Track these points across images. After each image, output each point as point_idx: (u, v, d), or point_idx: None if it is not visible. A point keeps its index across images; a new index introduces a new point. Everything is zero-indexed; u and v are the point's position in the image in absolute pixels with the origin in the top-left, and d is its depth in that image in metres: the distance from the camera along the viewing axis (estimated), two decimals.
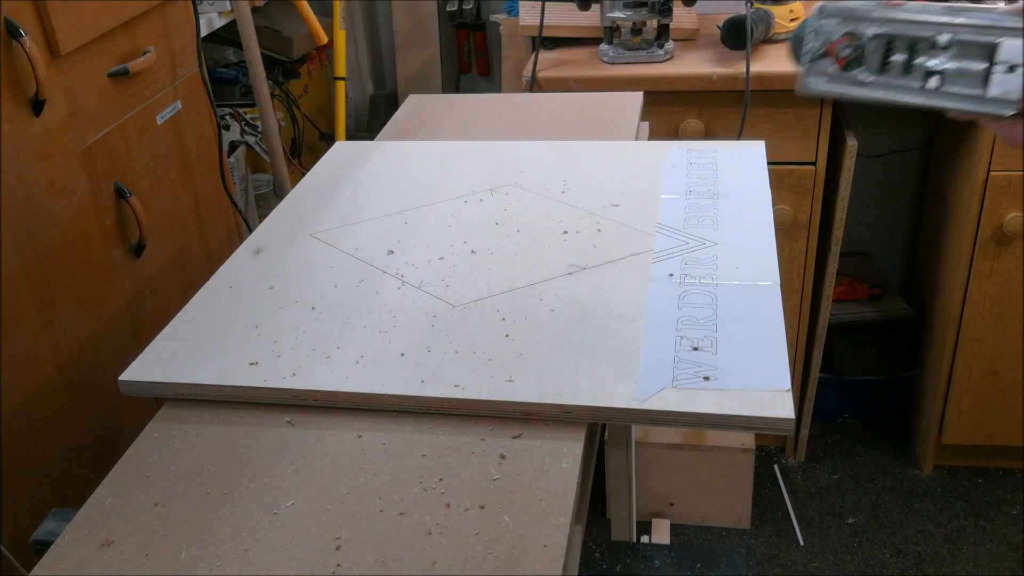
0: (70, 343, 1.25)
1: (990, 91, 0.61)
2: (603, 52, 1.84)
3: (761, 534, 1.97)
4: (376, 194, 1.16)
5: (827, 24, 0.64)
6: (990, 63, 0.60)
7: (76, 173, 1.27)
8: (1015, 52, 0.59)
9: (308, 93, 2.55)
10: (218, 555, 0.66)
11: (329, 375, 0.81)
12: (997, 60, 0.60)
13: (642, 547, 0.84)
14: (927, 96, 0.63)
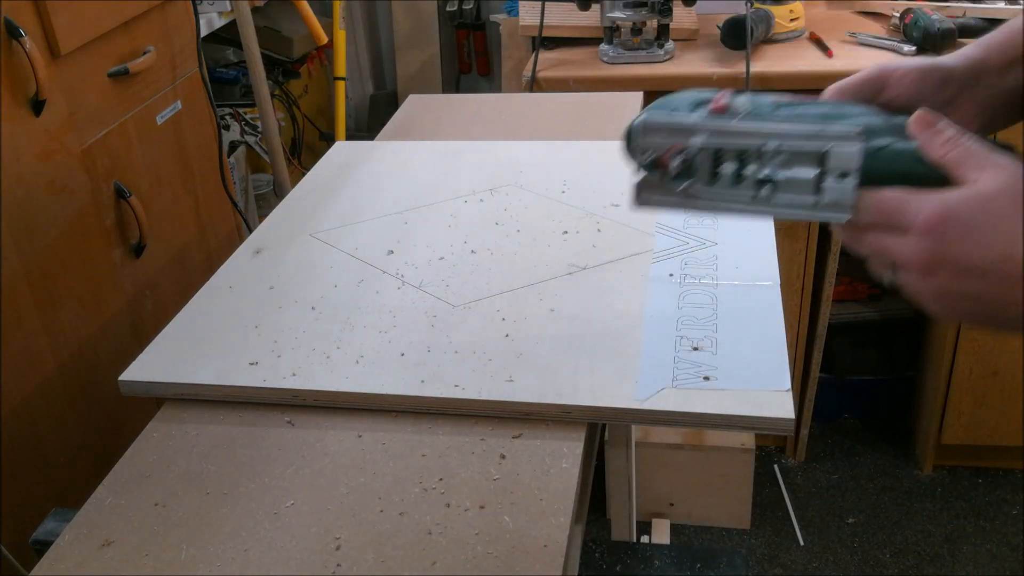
0: (70, 343, 1.25)
1: (824, 198, 0.59)
2: (603, 52, 1.84)
3: (761, 534, 1.97)
4: (376, 194, 1.16)
5: (653, 139, 0.61)
6: (822, 170, 0.58)
7: (76, 173, 1.27)
8: (846, 159, 0.58)
9: (308, 93, 2.55)
10: (218, 555, 0.66)
11: (329, 375, 0.81)
12: (828, 168, 0.58)
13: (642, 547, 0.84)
14: (761, 205, 0.61)
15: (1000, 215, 0.50)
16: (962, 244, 0.50)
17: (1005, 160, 0.53)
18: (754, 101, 0.62)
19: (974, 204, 0.51)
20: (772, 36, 1.85)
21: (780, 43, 1.85)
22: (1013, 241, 0.49)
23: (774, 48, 1.83)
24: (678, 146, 0.61)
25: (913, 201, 0.53)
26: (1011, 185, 0.51)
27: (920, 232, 0.52)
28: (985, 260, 0.50)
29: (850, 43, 1.82)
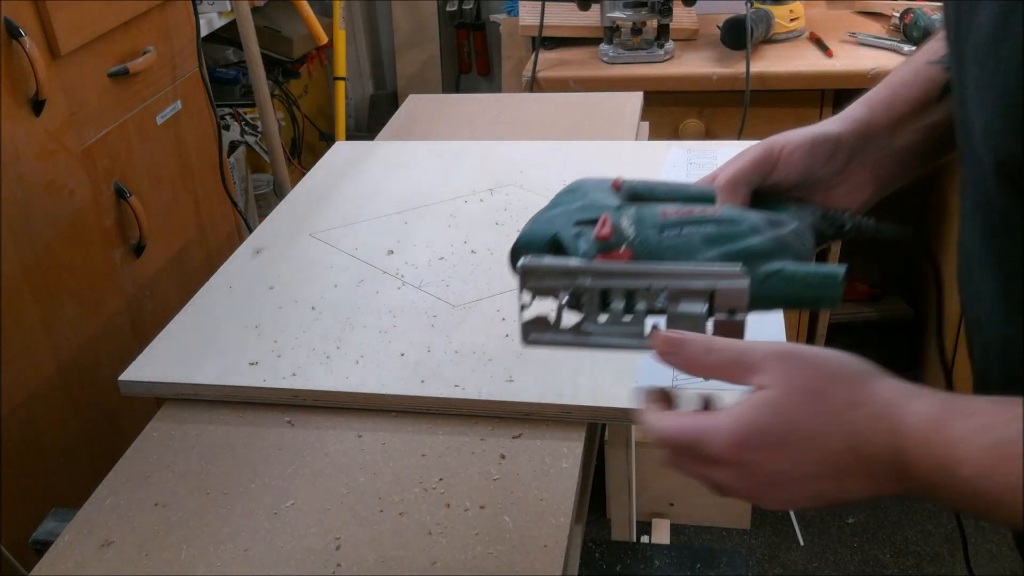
0: (70, 343, 1.25)
1: (714, 333, 0.59)
2: (603, 52, 1.84)
3: (761, 534, 1.97)
4: (376, 194, 1.16)
5: (537, 283, 0.59)
6: (710, 307, 0.58)
7: (76, 173, 1.27)
8: (734, 297, 0.58)
9: (308, 93, 2.55)
10: (218, 555, 0.66)
11: (329, 375, 0.81)
12: (717, 305, 0.58)
13: (642, 547, 0.84)
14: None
15: (796, 421, 0.50)
16: (776, 460, 0.50)
17: (766, 350, 0.53)
18: (639, 222, 0.61)
19: (766, 420, 0.50)
20: (772, 36, 1.85)
21: (780, 43, 1.85)
22: (821, 444, 0.49)
23: (774, 48, 1.83)
24: (562, 289, 0.60)
25: (706, 433, 0.52)
26: (787, 386, 0.50)
27: (730, 464, 0.51)
28: (804, 467, 0.50)
29: (850, 43, 1.82)
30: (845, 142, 0.69)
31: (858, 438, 0.49)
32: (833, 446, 0.49)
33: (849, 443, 0.49)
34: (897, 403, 0.49)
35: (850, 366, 0.52)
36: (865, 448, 0.48)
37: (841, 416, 0.49)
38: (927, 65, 0.70)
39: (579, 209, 0.63)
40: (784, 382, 0.51)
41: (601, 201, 0.64)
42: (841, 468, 0.49)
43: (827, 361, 0.52)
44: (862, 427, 0.49)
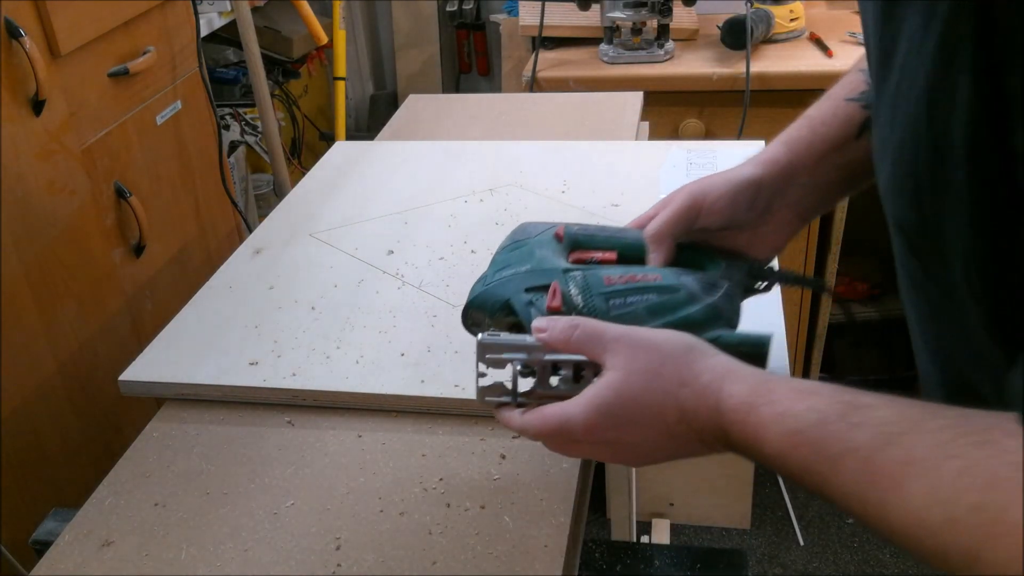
0: (70, 343, 1.25)
1: None
2: (603, 52, 1.84)
3: (761, 534, 1.97)
4: (376, 194, 1.16)
5: (492, 355, 0.65)
6: None
7: (76, 173, 1.27)
8: None
9: (308, 93, 2.55)
10: (218, 555, 0.66)
11: (329, 375, 0.81)
12: None
13: (642, 547, 0.84)
14: None
15: (637, 400, 0.58)
16: (627, 435, 0.58)
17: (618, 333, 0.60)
18: (586, 291, 0.67)
19: (612, 402, 0.58)
20: (772, 36, 1.85)
21: (780, 43, 1.85)
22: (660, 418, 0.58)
23: (774, 48, 1.83)
24: (519, 359, 0.64)
25: (567, 421, 0.59)
26: (628, 367, 0.58)
27: (592, 443, 0.60)
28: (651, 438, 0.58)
29: (850, 43, 1.82)
30: (767, 186, 0.72)
31: (688, 413, 0.57)
32: (670, 419, 0.57)
33: (681, 416, 0.57)
34: (717, 385, 0.56)
35: (680, 346, 0.59)
36: (694, 421, 0.57)
37: (672, 394, 0.57)
38: (847, 102, 0.72)
39: (528, 273, 0.68)
40: (626, 364, 0.58)
41: (548, 262, 0.69)
42: (680, 436, 0.58)
43: (662, 343, 0.60)
44: (690, 404, 0.57)
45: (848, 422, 0.48)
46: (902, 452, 0.45)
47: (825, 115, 0.73)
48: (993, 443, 0.42)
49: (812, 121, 0.73)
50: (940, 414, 0.46)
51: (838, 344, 2.19)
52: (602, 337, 0.60)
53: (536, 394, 0.64)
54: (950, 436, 0.44)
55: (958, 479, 0.42)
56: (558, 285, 0.67)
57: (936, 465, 0.44)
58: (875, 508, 0.46)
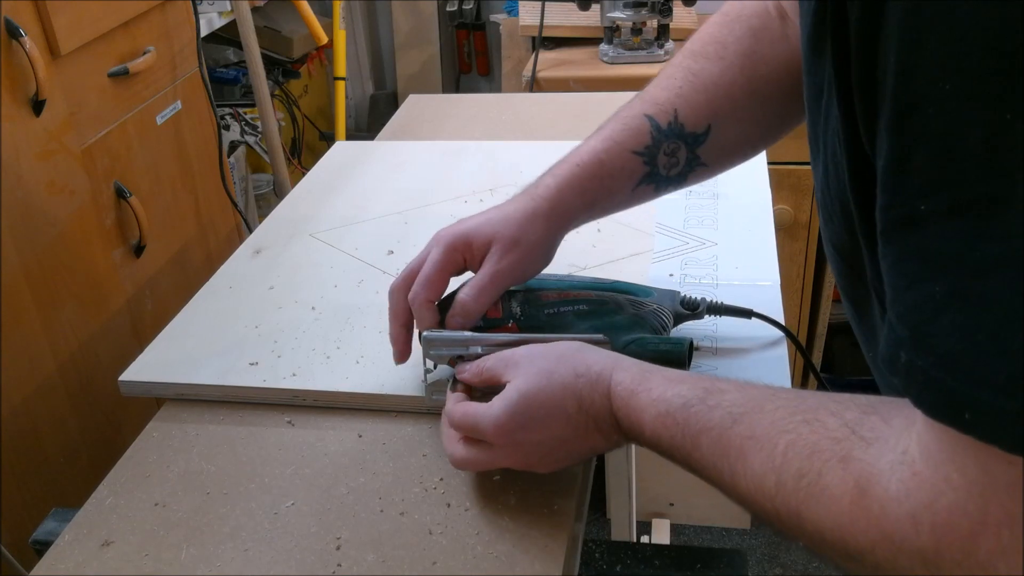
0: (70, 343, 1.25)
1: None
2: (603, 52, 1.84)
3: (761, 534, 1.97)
4: (376, 194, 1.16)
5: (437, 351, 0.73)
6: None
7: (76, 173, 1.27)
8: None
9: (308, 93, 2.55)
10: (218, 555, 0.66)
11: (329, 375, 0.81)
12: None
13: (642, 547, 0.84)
14: None
15: (539, 398, 0.62)
16: (534, 434, 0.63)
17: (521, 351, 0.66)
18: (525, 304, 0.76)
19: (518, 404, 0.62)
20: None
21: None
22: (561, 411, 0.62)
23: None
24: (460, 357, 0.72)
25: (479, 421, 0.64)
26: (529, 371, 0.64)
27: (503, 446, 0.64)
28: (556, 433, 0.63)
29: None
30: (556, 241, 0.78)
31: (584, 402, 0.62)
32: (570, 410, 0.62)
33: (579, 406, 0.62)
34: (607, 373, 0.62)
35: (571, 347, 0.66)
36: (591, 409, 0.62)
37: (569, 386, 0.62)
38: (633, 155, 0.76)
39: None
40: (526, 370, 0.64)
41: None
42: (581, 428, 0.62)
43: (554, 347, 0.66)
44: (586, 393, 0.62)
45: (706, 404, 0.55)
46: (746, 429, 0.52)
47: (613, 168, 0.76)
48: (818, 421, 0.49)
49: (603, 170, 0.76)
50: (779, 396, 0.53)
51: (838, 344, 2.19)
52: (506, 359, 0.66)
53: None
54: (785, 414, 0.51)
55: (787, 450, 0.49)
56: (499, 299, 0.75)
57: (772, 439, 0.50)
58: (728, 477, 0.53)
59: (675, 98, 0.76)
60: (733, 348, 0.81)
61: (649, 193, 0.78)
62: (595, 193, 0.76)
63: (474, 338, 0.72)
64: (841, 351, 2.20)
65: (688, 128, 0.76)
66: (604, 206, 0.78)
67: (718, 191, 1.09)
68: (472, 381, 0.69)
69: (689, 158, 0.77)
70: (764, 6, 0.76)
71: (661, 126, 0.75)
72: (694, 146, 0.76)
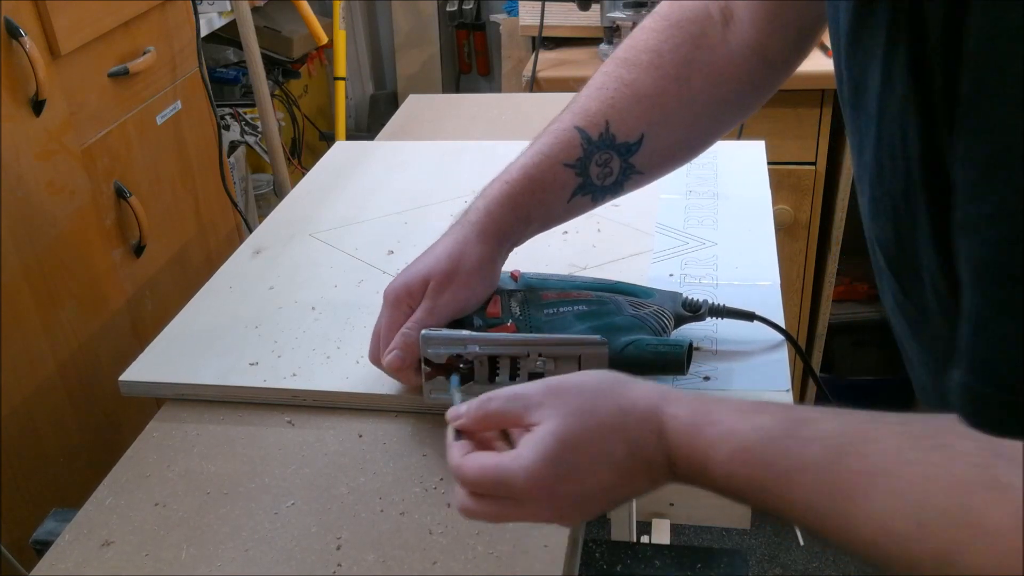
0: (70, 343, 1.25)
1: None
2: (603, 52, 1.84)
3: (761, 534, 1.97)
4: (376, 194, 1.16)
5: (435, 349, 0.71)
6: (579, 370, 0.69)
7: (76, 173, 1.27)
8: (597, 360, 0.69)
9: (308, 93, 2.55)
10: (218, 555, 0.66)
11: (329, 375, 0.81)
12: (583, 368, 0.69)
13: (642, 547, 0.84)
14: None
15: (581, 443, 0.53)
16: (576, 485, 0.54)
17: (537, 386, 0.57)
18: (524, 303, 0.75)
19: (556, 451, 0.53)
20: None
21: None
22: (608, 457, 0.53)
23: None
24: (457, 356, 0.72)
25: (507, 477, 0.54)
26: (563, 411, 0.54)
27: (537, 500, 0.54)
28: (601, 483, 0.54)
29: None
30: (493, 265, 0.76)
31: (634, 444, 0.53)
32: (618, 455, 0.53)
33: (629, 449, 0.53)
34: (657, 407, 0.54)
35: (607, 380, 0.57)
36: (642, 452, 0.53)
37: (616, 426, 0.54)
38: (564, 167, 0.75)
39: None
40: (558, 410, 0.54)
41: (497, 287, 0.77)
42: (629, 472, 0.54)
43: (585, 381, 0.57)
44: (635, 433, 0.53)
45: (797, 438, 0.48)
46: (857, 463, 0.45)
47: (545, 180, 0.75)
48: (947, 447, 0.43)
49: (534, 184, 0.75)
50: (883, 421, 0.47)
51: (838, 344, 2.19)
52: (520, 396, 0.57)
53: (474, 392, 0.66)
54: (903, 442, 0.45)
55: (923, 485, 0.42)
56: (499, 298, 0.74)
57: (896, 473, 0.44)
58: (837, 520, 0.45)
59: (607, 109, 0.75)
60: (733, 350, 0.81)
61: (586, 204, 0.77)
62: (528, 208, 0.75)
63: (473, 337, 0.72)
64: (841, 351, 2.20)
65: (620, 139, 0.75)
66: (541, 220, 0.77)
67: (718, 191, 1.09)
68: (474, 430, 0.59)
69: (623, 167, 0.76)
70: (705, 7, 0.75)
71: (592, 137, 0.74)
72: (627, 155, 0.75)
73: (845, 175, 1.77)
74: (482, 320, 0.75)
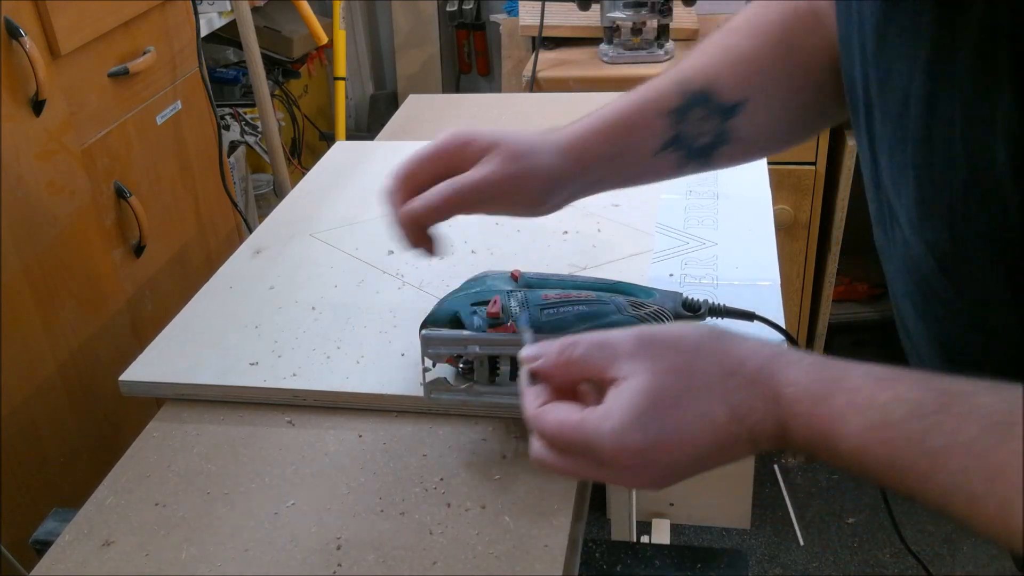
0: (70, 343, 1.25)
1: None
2: (603, 52, 1.84)
3: (761, 534, 1.97)
4: (376, 194, 1.15)
5: (436, 350, 0.72)
6: None
7: (76, 173, 1.27)
8: None
9: (308, 93, 2.55)
10: (218, 555, 0.66)
11: (329, 375, 0.81)
12: None
13: (642, 547, 0.84)
14: None
15: (677, 405, 0.49)
16: (668, 451, 0.49)
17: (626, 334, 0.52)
18: (524, 303, 0.74)
19: (648, 413, 0.49)
20: None
21: None
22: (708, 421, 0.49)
23: None
24: (458, 356, 0.72)
25: (592, 439, 0.49)
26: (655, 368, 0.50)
27: (624, 466, 0.50)
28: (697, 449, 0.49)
29: None
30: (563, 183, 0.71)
31: (737, 409, 0.49)
32: (718, 420, 0.49)
33: (731, 414, 0.49)
34: (770, 369, 0.49)
35: (709, 334, 0.52)
36: (746, 417, 0.48)
37: (718, 388, 0.49)
38: (658, 114, 0.71)
39: (476, 293, 0.76)
40: (651, 365, 0.50)
41: (498, 287, 0.77)
42: (728, 439, 0.49)
43: (686, 334, 0.51)
44: (741, 397, 0.49)
45: (951, 413, 0.43)
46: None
47: (638, 124, 0.71)
48: None
49: (628, 123, 0.71)
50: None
51: (838, 344, 2.19)
52: (609, 345, 0.52)
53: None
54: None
55: None
56: (499, 298, 0.74)
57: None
58: (994, 508, 0.41)
59: (707, 67, 0.71)
60: None
61: (672, 165, 0.72)
62: (617, 146, 0.70)
63: (473, 337, 0.72)
64: (841, 351, 2.19)
65: (720, 99, 0.70)
66: (625, 164, 0.71)
67: (718, 191, 1.09)
68: (553, 375, 0.54)
69: (719, 131, 0.71)
70: (793, 6, 0.73)
71: (691, 91, 0.70)
72: (726, 118, 0.71)
73: (845, 175, 1.77)
74: (482, 320, 0.75)
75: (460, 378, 0.75)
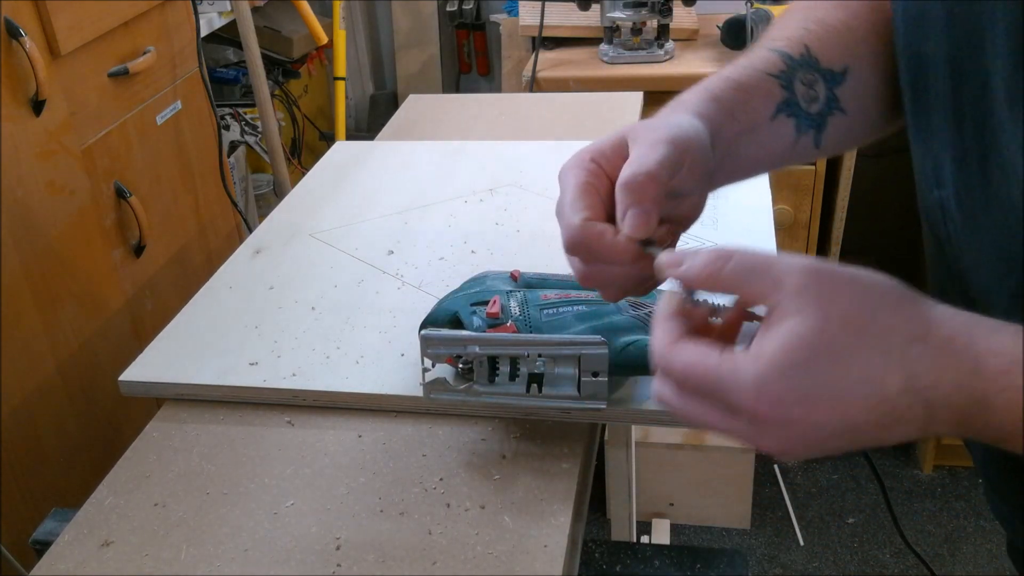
0: (70, 343, 1.25)
1: (584, 391, 0.70)
2: (603, 52, 1.84)
3: (761, 534, 1.97)
4: (376, 194, 1.16)
5: (436, 350, 0.72)
6: (578, 370, 0.70)
7: (76, 173, 1.27)
8: (596, 362, 0.70)
9: (308, 93, 2.55)
10: (218, 555, 0.66)
11: (329, 375, 0.81)
12: (582, 368, 0.70)
13: (642, 547, 0.84)
14: (535, 399, 0.71)
15: (840, 363, 0.41)
16: (816, 414, 0.41)
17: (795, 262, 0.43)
18: (524, 303, 0.75)
19: (802, 366, 0.41)
20: None
21: None
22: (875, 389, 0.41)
23: None
24: (458, 356, 0.72)
25: (729, 383, 0.42)
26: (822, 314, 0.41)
27: (761, 421, 0.42)
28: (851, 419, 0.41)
29: None
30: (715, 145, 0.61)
31: (921, 379, 0.40)
32: (891, 390, 0.40)
33: (910, 385, 0.40)
34: (970, 338, 0.41)
35: (894, 287, 0.43)
36: (929, 392, 0.40)
37: (898, 351, 0.41)
38: (768, 77, 0.64)
39: (476, 293, 0.76)
40: (818, 309, 0.41)
41: (497, 287, 0.77)
42: (895, 414, 0.41)
43: (870, 283, 0.43)
44: (925, 367, 0.40)
45: None
46: None
47: (751, 86, 0.64)
48: None
49: (741, 87, 0.63)
50: None
51: None
52: (769, 269, 0.43)
53: None
54: None
55: None
56: (498, 298, 0.75)
57: None
58: None
59: (804, 34, 0.65)
60: None
61: (788, 132, 0.64)
62: (733, 106, 0.62)
63: (473, 337, 0.71)
64: None
65: (824, 64, 0.64)
66: (745, 124, 0.63)
67: (718, 191, 1.09)
68: (696, 278, 0.46)
69: (828, 97, 0.64)
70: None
71: (793, 56, 0.64)
72: (832, 84, 0.65)
73: (845, 175, 1.77)
74: (482, 320, 0.75)
75: (459, 378, 0.75)
